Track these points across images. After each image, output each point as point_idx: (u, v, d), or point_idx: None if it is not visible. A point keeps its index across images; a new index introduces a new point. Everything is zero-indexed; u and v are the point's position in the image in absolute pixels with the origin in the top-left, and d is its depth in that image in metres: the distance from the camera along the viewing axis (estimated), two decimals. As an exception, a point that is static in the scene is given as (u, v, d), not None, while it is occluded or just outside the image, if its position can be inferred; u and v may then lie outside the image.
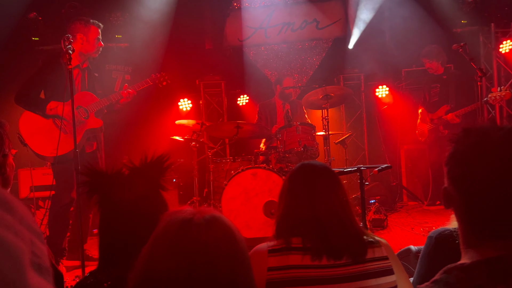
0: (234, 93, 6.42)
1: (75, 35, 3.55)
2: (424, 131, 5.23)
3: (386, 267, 1.39)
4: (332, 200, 1.44)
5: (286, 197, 1.48)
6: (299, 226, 1.40)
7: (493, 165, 0.93)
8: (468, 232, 0.99)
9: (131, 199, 1.26)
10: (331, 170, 1.57)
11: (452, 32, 5.89)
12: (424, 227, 4.26)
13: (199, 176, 5.13)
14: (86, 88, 3.66)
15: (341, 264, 1.35)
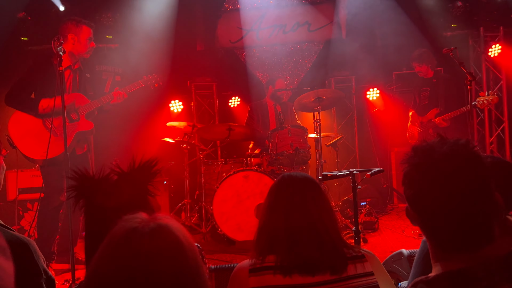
0: (225, 95, 6.41)
1: (66, 35, 3.50)
2: (414, 134, 5.27)
3: (370, 284, 1.34)
4: (309, 212, 1.39)
5: (264, 211, 1.45)
6: (275, 241, 1.36)
7: (439, 183, 0.94)
8: (434, 247, 1.01)
9: (116, 205, 1.23)
10: (312, 180, 1.51)
11: (442, 35, 5.96)
12: (415, 230, 4.28)
13: (190, 179, 5.10)
14: (78, 89, 3.61)
15: (321, 282, 1.31)
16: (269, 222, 1.41)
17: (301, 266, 1.31)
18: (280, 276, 1.31)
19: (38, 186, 4.65)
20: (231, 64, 6.55)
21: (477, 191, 0.94)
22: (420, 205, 0.99)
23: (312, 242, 1.35)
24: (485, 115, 6.00)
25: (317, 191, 1.46)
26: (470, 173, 0.94)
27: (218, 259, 3.70)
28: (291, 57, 6.59)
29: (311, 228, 1.37)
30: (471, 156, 0.95)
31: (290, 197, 1.42)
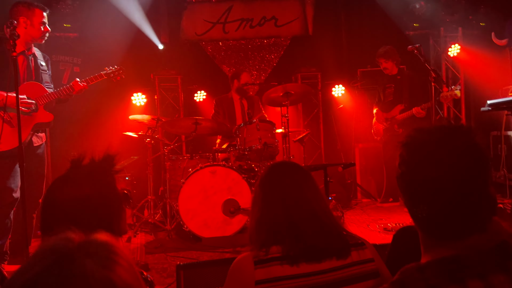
0: (191, 89, 6.26)
1: (18, 19, 3.24)
2: (379, 130, 5.36)
3: (372, 270, 1.35)
4: (308, 200, 1.39)
5: (259, 204, 1.42)
6: (277, 232, 1.35)
7: (429, 165, 0.93)
8: (424, 234, 0.99)
9: (74, 199, 1.19)
10: (301, 167, 1.51)
11: (404, 34, 6.10)
12: (379, 224, 4.35)
13: (154, 174, 4.95)
14: (33, 78, 3.36)
15: (328, 269, 1.31)
16: (267, 213, 1.38)
17: (308, 254, 1.30)
18: (287, 266, 1.29)
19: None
20: (196, 57, 6.41)
21: (473, 177, 0.92)
22: (410, 186, 0.97)
23: (316, 229, 1.34)
24: (444, 112, 6.21)
25: (310, 178, 1.45)
26: (470, 159, 0.92)
27: (184, 256, 3.59)
28: (258, 52, 6.53)
29: (312, 215, 1.36)
30: (471, 141, 0.94)
31: (286, 187, 1.40)
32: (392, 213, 4.92)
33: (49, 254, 0.65)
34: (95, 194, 1.20)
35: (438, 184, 0.92)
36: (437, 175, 0.92)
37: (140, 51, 5.93)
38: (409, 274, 0.92)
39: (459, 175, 0.91)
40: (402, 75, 5.22)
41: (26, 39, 3.32)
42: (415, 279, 0.90)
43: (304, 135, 5.03)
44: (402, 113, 5.06)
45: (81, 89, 3.45)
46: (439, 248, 0.95)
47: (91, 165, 1.26)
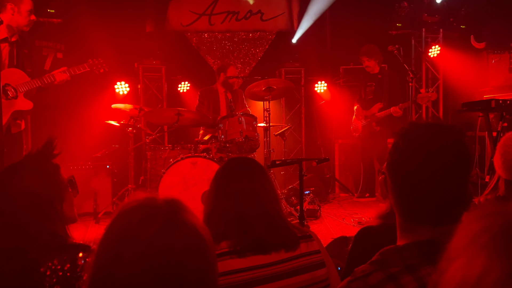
0: (175, 79, 6.27)
1: (5, 5, 3.26)
2: (358, 127, 5.48)
3: (318, 261, 1.42)
4: (259, 195, 1.41)
5: (212, 197, 1.44)
6: (226, 227, 1.37)
7: (425, 154, 1.01)
8: (401, 217, 1.07)
9: (19, 192, 1.22)
10: (258, 164, 1.54)
11: (387, 34, 6.22)
12: (354, 218, 4.49)
13: (135, 163, 4.97)
14: (15, 65, 3.35)
15: (278, 261, 1.35)
16: (218, 207, 1.40)
17: (255, 247, 1.34)
18: (237, 259, 1.33)
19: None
20: (181, 48, 6.41)
21: (458, 172, 1.01)
22: (401, 172, 1.04)
23: (264, 224, 1.38)
24: (422, 111, 6.37)
25: (264, 174, 1.49)
26: (454, 154, 1.01)
27: (162, 245, 3.65)
28: (243, 45, 6.57)
29: (262, 211, 1.39)
30: (460, 140, 1.03)
31: (238, 181, 1.43)
32: (367, 207, 5.06)
33: (146, 208, 0.80)
34: (36, 182, 1.24)
35: (427, 174, 1.00)
36: (427, 166, 1.00)
37: (125, 39, 5.90)
38: (388, 255, 0.99)
39: (446, 169, 1.00)
40: (383, 74, 5.34)
41: (12, 25, 3.31)
42: (394, 259, 0.97)
43: (285, 129, 5.12)
44: (380, 111, 5.19)
45: (62, 79, 3.46)
46: (415, 233, 1.02)
47: (30, 155, 1.30)
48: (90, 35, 5.50)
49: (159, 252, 0.73)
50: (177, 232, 0.76)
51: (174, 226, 0.76)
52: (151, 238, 0.73)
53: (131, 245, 0.73)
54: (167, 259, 0.73)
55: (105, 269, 0.74)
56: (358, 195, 5.54)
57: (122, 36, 5.82)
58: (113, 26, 5.68)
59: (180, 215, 0.79)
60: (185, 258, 0.74)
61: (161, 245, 0.73)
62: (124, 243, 0.74)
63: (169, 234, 0.75)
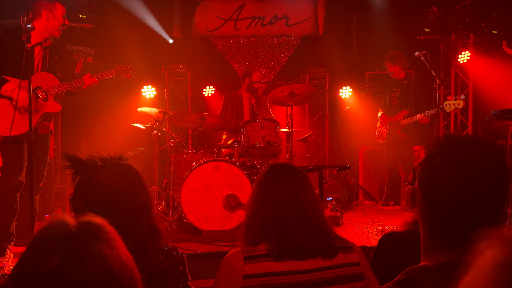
0: (200, 84, 6.35)
1: (40, 12, 3.40)
2: (383, 134, 5.40)
3: (357, 273, 1.41)
4: (299, 200, 1.43)
5: (253, 201, 1.48)
6: (265, 230, 1.40)
7: (462, 175, 0.96)
8: (430, 235, 1.02)
9: (107, 184, 1.34)
10: (299, 170, 1.56)
11: (415, 39, 6.11)
12: (378, 226, 4.40)
13: (159, 166, 5.04)
14: (47, 68, 3.49)
15: (314, 269, 1.36)
16: (258, 211, 1.44)
17: (292, 252, 1.35)
18: (274, 263, 1.34)
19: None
20: (207, 53, 6.49)
21: (499, 194, 0.97)
22: (437, 191, 0.99)
23: (303, 229, 1.39)
24: (451, 119, 6.21)
25: (305, 179, 1.50)
26: (495, 176, 0.97)
27: (183, 247, 3.69)
28: (267, 50, 6.59)
29: (301, 215, 1.41)
30: (502, 161, 0.98)
31: (280, 186, 1.45)
32: (391, 216, 4.96)
33: (50, 239, 0.70)
34: (124, 182, 1.37)
35: (466, 197, 0.95)
36: (467, 188, 0.95)
37: (152, 44, 6.03)
38: (415, 275, 0.95)
39: (487, 191, 0.96)
40: (409, 80, 5.24)
41: (46, 31, 3.46)
42: (423, 280, 0.93)
43: (308, 135, 5.09)
44: (406, 118, 5.09)
45: (91, 84, 3.58)
46: (445, 252, 0.98)
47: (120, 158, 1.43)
48: (119, 40, 5.66)
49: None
50: (81, 268, 0.67)
51: (78, 260, 0.68)
52: (50, 275, 0.66)
53: (30, 283, 0.67)
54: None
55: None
56: (382, 203, 5.44)
57: (149, 41, 5.96)
58: (141, 32, 5.82)
59: (90, 246, 0.70)
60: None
61: (61, 283, 0.66)
62: (24, 279, 0.68)
63: (70, 270, 0.67)
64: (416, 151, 5.41)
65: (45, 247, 0.69)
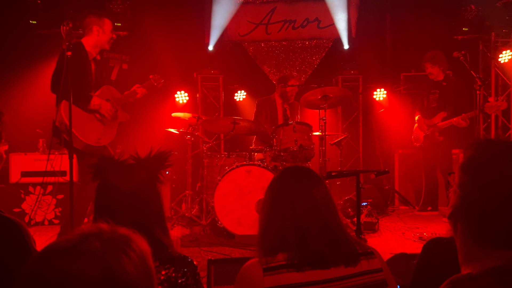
0: (231, 88, 6.38)
1: (91, 28, 3.67)
2: (420, 137, 5.24)
3: (381, 280, 1.34)
4: (318, 206, 1.35)
5: (268, 208, 1.39)
6: (283, 239, 1.32)
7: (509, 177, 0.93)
8: (475, 240, 0.98)
9: (128, 187, 1.34)
10: (314, 172, 1.48)
11: (452, 38, 5.90)
12: (415, 233, 4.27)
13: (193, 170, 5.10)
14: (99, 81, 3.76)
15: (337, 278, 1.29)
16: (275, 218, 1.35)
17: (314, 262, 1.28)
18: (295, 273, 1.27)
19: (40, 170, 4.66)
20: (238, 58, 6.52)
21: None
22: (483, 193, 0.96)
23: (324, 236, 1.32)
24: (491, 121, 5.96)
25: (322, 184, 1.42)
26: None
27: (217, 251, 3.70)
28: (299, 54, 6.55)
29: (321, 222, 1.33)
30: None
31: (296, 191, 1.37)
32: (429, 222, 4.80)
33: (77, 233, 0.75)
34: (147, 184, 1.36)
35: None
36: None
37: (185, 50, 6.11)
38: (460, 284, 0.92)
39: None
40: (448, 81, 5.07)
41: (97, 45, 3.71)
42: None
43: (342, 138, 5.00)
44: (444, 120, 4.92)
45: (143, 93, 3.95)
46: (489, 258, 0.94)
47: (147, 159, 1.41)
48: (153, 46, 5.78)
49: None
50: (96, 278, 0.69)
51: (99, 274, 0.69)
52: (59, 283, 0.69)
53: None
54: None
55: None
56: (419, 208, 5.27)
57: (182, 47, 6.05)
58: (174, 38, 5.92)
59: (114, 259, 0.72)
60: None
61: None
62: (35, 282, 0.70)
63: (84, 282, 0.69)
64: (454, 154, 5.22)
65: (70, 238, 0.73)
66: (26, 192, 4.75)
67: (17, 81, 5.42)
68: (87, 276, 0.69)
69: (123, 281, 0.71)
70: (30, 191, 4.75)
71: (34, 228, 4.53)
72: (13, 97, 5.31)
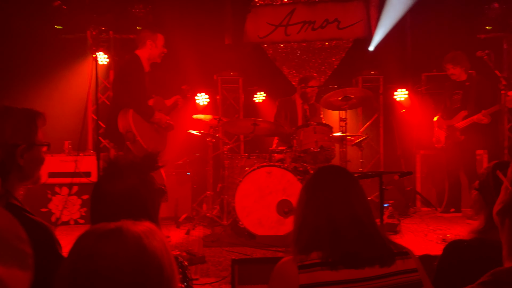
0: (251, 90, 6.42)
1: (145, 42, 3.89)
2: (441, 138, 5.17)
3: (416, 280, 1.34)
4: (353, 205, 1.36)
5: (302, 207, 1.41)
6: (318, 238, 1.34)
7: None
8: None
9: (117, 190, 1.30)
10: (348, 172, 1.49)
11: (475, 37, 5.80)
12: (438, 234, 4.21)
13: (214, 171, 5.16)
14: (149, 91, 3.99)
15: (372, 277, 1.30)
16: (309, 217, 1.37)
17: (349, 261, 1.30)
18: (329, 272, 1.29)
19: (66, 171, 4.80)
20: (257, 59, 6.56)
21: None
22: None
23: (359, 236, 1.33)
24: (517, 121, 5.82)
25: (357, 183, 1.43)
26: None
27: (238, 252, 3.73)
28: (318, 54, 6.55)
29: (356, 222, 1.34)
30: None
31: (331, 191, 1.39)
32: (452, 224, 4.72)
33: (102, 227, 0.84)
34: (139, 184, 1.32)
35: None
36: None
37: (205, 52, 6.18)
38: (503, 276, 0.93)
39: None
40: (471, 81, 4.98)
41: (150, 59, 3.94)
42: (511, 282, 0.91)
43: (362, 139, 4.98)
44: (464, 119, 4.85)
45: (183, 102, 4.29)
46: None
47: (137, 161, 1.38)
48: (174, 49, 5.84)
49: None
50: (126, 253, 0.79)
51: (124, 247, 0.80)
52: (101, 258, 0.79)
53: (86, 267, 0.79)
54: None
55: None
56: (442, 209, 5.19)
57: (202, 49, 6.12)
58: (194, 40, 5.99)
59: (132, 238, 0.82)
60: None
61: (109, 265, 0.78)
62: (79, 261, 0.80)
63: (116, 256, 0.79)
64: (478, 155, 5.13)
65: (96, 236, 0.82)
66: (53, 193, 4.88)
67: (43, 84, 5.57)
68: (125, 257, 0.78)
69: (154, 264, 0.80)
70: (56, 191, 4.89)
71: (61, 228, 4.66)
72: (39, 99, 5.45)
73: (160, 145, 4.00)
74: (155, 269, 0.80)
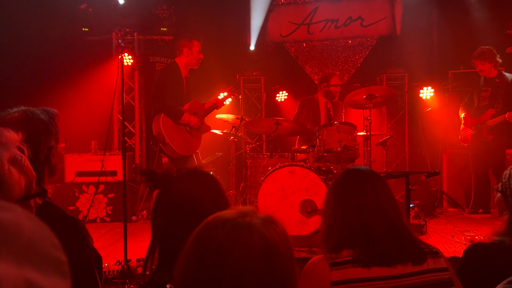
0: (273, 89, 6.41)
1: (182, 50, 4.11)
2: (467, 137, 5.03)
3: (447, 279, 1.35)
4: (384, 207, 1.39)
5: (331, 209, 1.44)
6: (349, 237, 1.37)
7: None
8: None
9: (187, 190, 1.31)
10: (377, 174, 1.51)
11: (504, 33, 5.62)
12: (466, 236, 4.11)
13: (236, 171, 5.17)
14: (188, 95, 4.18)
15: (404, 274, 1.32)
16: (340, 218, 1.40)
17: (380, 260, 1.32)
18: (361, 269, 1.31)
19: (93, 170, 4.91)
20: (280, 58, 6.53)
21: None
22: None
23: (390, 238, 1.35)
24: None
25: (386, 185, 1.45)
26: None
27: (261, 251, 3.74)
28: (341, 53, 6.47)
29: (388, 224, 1.37)
30: None
31: (361, 193, 1.41)
32: (480, 225, 4.60)
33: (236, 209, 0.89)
34: (201, 189, 1.32)
35: None
36: None
37: (227, 52, 6.21)
38: None
39: None
40: (501, 77, 4.83)
41: (187, 65, 4.15)
42: None
43: (387, 138, 4.90)
44: (493, 118, 4.70)
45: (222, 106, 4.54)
46: None
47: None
48: (197, 49, 5.89)
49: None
50: (243, 237, 0.82)
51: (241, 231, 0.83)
52: (220, 241, 0.82)
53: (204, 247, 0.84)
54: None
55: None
56: (469, 210, 5.06)
57: (225, 49, 6.14)
58: (217, 40, 6.02)
59: (250, 223, 0.84)
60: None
61: (228, 247, 0.81)
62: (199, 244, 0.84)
63: (235, 238, 0.82)
64: (508, 154, 4.96)
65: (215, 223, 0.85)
66: (80, 191, 5.01)
67: (70, 85, 5.70)
68: (252, 245, 0.81)
69: (277, 253, 0.83)
70: (83, 190, 5.01)
71: (88, 225, 4.76)
72: (66, 100, 5.59)
73: (192, 147, 4.19)
74: (280, 261, 0.83)
